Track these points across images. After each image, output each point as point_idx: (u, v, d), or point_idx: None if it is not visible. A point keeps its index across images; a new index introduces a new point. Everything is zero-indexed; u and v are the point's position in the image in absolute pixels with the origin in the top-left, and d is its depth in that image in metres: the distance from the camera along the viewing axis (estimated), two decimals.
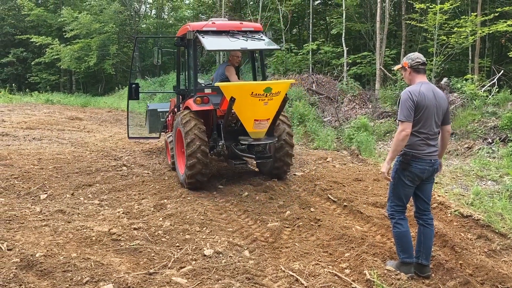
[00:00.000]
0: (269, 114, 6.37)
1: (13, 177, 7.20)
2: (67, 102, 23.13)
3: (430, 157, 4.06)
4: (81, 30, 25.91)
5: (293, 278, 4.08)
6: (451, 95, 12.32)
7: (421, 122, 3.99)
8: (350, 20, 20.04)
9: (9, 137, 11.57)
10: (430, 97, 4.00)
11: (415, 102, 3.94)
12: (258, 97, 6.00)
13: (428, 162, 4.05)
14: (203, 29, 6.90)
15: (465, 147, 9.36)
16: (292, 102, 13.99)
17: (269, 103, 6.15)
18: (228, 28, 7.03)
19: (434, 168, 4.11)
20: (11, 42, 30.56)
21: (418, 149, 4.03)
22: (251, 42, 6.88)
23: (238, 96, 6.05)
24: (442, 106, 4.07)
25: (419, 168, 4.04)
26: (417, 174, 4.06)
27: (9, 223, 5.19)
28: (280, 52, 20.00)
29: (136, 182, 7.30)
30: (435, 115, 4.03)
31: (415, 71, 4.14)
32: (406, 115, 3.93)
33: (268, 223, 5.43)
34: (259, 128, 6.38)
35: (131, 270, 4.14)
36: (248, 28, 7.20)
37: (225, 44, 6.86)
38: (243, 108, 6.22)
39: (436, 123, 4.07)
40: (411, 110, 3.94)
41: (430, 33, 14.71)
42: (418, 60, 4.11)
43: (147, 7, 32.15)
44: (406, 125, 3.93)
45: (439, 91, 4.13)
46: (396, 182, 4.17)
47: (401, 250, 4.20)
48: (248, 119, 6.29)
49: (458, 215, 5.64)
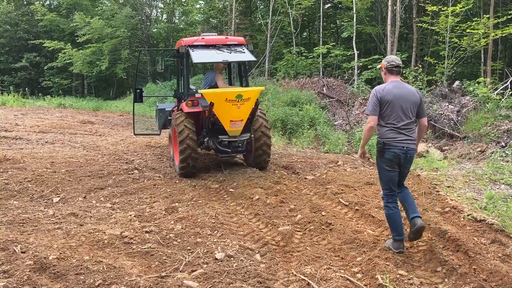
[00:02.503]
0: (242, 116, 7.54)
1: (26, 180, 7.27)
2: (79, 106, 23.35)
3: (402, 144, 4.64)
4: (93, 34, 26.16)
5: (304, 282, 4.06)
6: (463, 98, 12.22)
7: (388, 114, 4.66)
8: (361, 23, 20.01)
9: (22, 140, 11.71)
10: (396, 93, 4.64)
11: (378, 98, 4.65)
12: (231, 102, 7.26)
13: (399, 148, 4.63)
14: (193, 43, 8.10)
15: (478, 150, 9.27)
16: (303, 105, 13.99)
17: (241, 107, 7.38)
18: (215, 42, 8.18)
19: (407, 155, 4.68)
20: (24, 47, 30.98)
21: (388, 137, 4.67)
22: (233, 54, 8.05)
23: (216, 101, 7.27)
24: (411, 100, 4.68)
25: (391, 154, 4.65)
26: (391, 159, 4.67)
27: (23, 225, 5.24)
28: (290, 56, 20.02)
29: (148, 185, 7.33)
30: (402, 108, 4.64)
31: (389, 72, 4.85)
32: (370, 110, 4.70)
33: (279, 227, 5.42)
34: (235, 127, 7.62)
35: (143, 273, 4.15)
36: (233, 42, 8.34)
37: (210, 56, 8.04)
38: (220, 111, 7.42)
39: (406, 115, 4.66)
40: (375, 106, 4.66)
41: (442, 36, 14.63)
42: (392, 63, 4.82)
43: (158, 12, 32.38)
44: (371, 118, 4.69)
45: (410, 88, 4.79)
46: (379, 170, 4.86)
47: (392, 229, 4.76)
48: (225, 120, 7.52)
49: (471, 219, 5.57)
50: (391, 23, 15.81)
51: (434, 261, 4.53)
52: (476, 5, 17.22)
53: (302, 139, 11.95)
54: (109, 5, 29.83)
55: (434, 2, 16.95)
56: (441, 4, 15.36)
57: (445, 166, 8.65)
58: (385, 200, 4.82)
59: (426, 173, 8.16)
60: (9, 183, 7.01)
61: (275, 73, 20.92)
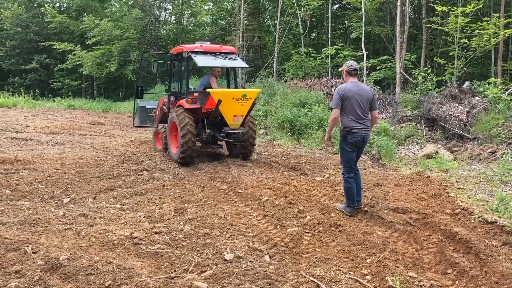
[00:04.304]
0: (244, 112, 8.93)
1: (37, 181, 7.33)
2: (88, 107, 23.52)
3: (360, 131, 5.88)
4: (103, 36, 26.32)
5: (314, 284, 4.05)
6: (473, 99, 12.13)
7: (348, 108, 5.85)
8: (370, 24, 19.94)
9: (32, 141, 11.82)
10: (354, 91, 5.83)
11: (341, 95, 5.84)
12: (237, 100, 8.69)
13: (359, 134, 5.88)
14: (194, 50, 9.29)
15: (488, 151, 9.19)
16: (311, 106, 13.96)
17: (244, 105, 8.80)
18: (211, 50, 9.52)
19: (364, 139, 5.97)
20: (35, 49, 31.25)
21: (349, 126, 5.88)
22: (229, 61, 9.42)
23: (224, 99, 8.58)
24: (366, 97, 5.90)
25: (353, 138, 5.89)
26: (352, 143, 5.91)
27: (34, 226, 5.28)
28: (299, 57, 20.00)
29: (157, 186, 7.36)
30: (359, 103, 5.85)
31: (349, 74, 6.03)
32: (335, 104, 5.89)
33: (288, 228, 5.41)
34: (237, 121, 8.99)
35: (153, 274, 4.17)
36: (226, 50, 9.75)
37: (211, 61, 9.28)
38: (226, 107, 8.72)
39: (362, 109, 5.87)
40: (338, 101, 5.85)
41: (451, 36, 14.51)
42: (351, 67, 6.00)
43: (167, 13, 32.46)
44: (335, 111, 5.91)
45: (364, 86, 6.06)
46: (342, 151, 6.08)
47: (348, 198, 6.02)
48: (229, 115, 8.86)
49: (482, 221, 5.53)
50: (400, 24, 15.71)
51: (444, 263, 4.50)
52: (486, 4, 17.07)
53: (311, 140, 11.92)
54: (118, 7, 30.00)
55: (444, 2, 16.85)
56: (450, 4, 15.27)
57: (455, 167, 8.58)
58: (346, 176, 6.04)
59: (436, 174, 8.10)
60: (20, 184, 7.07)
61: (283, 74, 20.90)
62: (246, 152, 9.69)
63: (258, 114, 14.61)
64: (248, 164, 9.27)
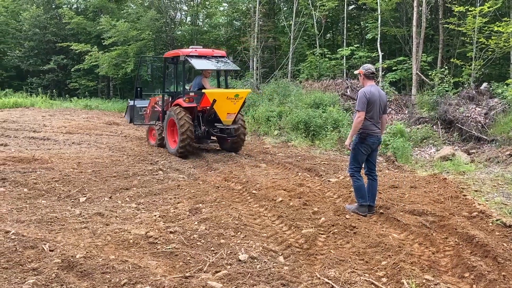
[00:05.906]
0: (235, 110, 9.84)
1: (54, 180, 7.43)
2: (104, 108, 23.76)
3: (377, 134, 6.00)
4: (119, 37, 26.52)
5: (328, 286, 4.03)
6: (491, 100, 11.96)
7: (371, 112, 5.87)
8: (386, 24, 19.76)
9: (50, 141, 11.98)
10: (376, 96, 5.90)
11: (367, 98, 5.81)
12: (230, 100, 9.61)
13: (376, 137, 5.98)
14: (190, 54, 10.14)
15: (507, 154, 9.04)
16: (326, 107, 13.90)
17: (236, 103, 9.71)
18: (205, 54, 10.46)
19: (379, 141, 6.11)
20: (52, 49, 31.63)
21: (370, 129, 5.92)
22: (221, 64, 10.56)
23: (218, 98, 9.49)
24: (383, 101, 6.01)
25: (371, 141, 5.96)
26: (370, 145, 5.99)
27: (51, 224, 5.35)
28: (314, 57, 19.93)
29: (172, 186, 7.40)
30: (379, 107, 5.94)
31: (367, 78, 6.05)
32: (361, 107, 5.83)
33: (302, 229, 5.40)
34: (229, 118, 9.86)
35: (168, 273, 4.19)
36: (218, 54, 10.73)
37: (207, 64, 10.34)
38: (221, 106, 9.59)
39: (380, 113, 5.98)
40: (364, 104, 5.81)
41: (469, 37, 14.33)
42: (369, 71, 6.02)
43: (183, 15, 32.60)
44: (361, 113, 5.83)
45: (382, 91, 6.11)
46: (356, 152, 6.04)
47: (359, 197, 6.01)
48: (223, 113, 9.72)
49: (500, 224, 5.44)
50: (417, 24, 15.54)
51: (461, 266, 4.44)
52: (505, 4, 16.80)
53: (326, 141, 11.87)
54: (134, 8, 30.21)
55: (461, 3, 16.63)
56: (468, 4, 15.06)
57: (472, 170, 8.47)
58: (356, 175, 6.08)
59: (453, 177, 8.00)
60: (38, 183, 7.17)
61: (298, 75, 20.84)
62: (237, 147, 10.57)
63: (273, 115, 14.60)
64: (262, 165, 9.28)
